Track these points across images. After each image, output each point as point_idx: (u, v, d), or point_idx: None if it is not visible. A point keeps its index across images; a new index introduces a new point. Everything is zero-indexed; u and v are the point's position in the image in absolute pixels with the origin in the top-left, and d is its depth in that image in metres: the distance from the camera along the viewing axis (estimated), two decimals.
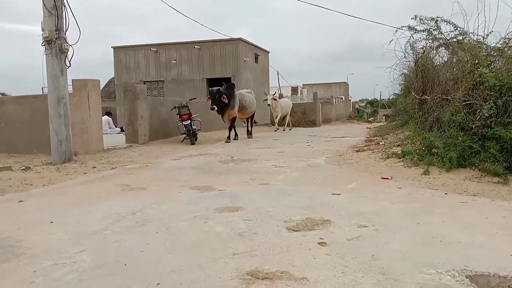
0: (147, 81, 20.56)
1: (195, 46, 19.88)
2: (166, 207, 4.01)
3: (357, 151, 8.41)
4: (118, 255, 2.69)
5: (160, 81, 20.39)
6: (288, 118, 18.59)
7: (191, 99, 12.88)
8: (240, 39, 19.95)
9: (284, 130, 17.70)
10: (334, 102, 37.22)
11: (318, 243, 2.84)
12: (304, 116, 26.25)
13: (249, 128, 13.49)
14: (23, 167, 7.12)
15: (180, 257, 2.64)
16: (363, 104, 59.89)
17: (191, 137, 11.48)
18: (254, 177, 5.67)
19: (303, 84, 47.58)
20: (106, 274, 2.38)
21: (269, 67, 24.83)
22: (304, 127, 24.51)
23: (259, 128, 18.19)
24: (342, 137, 13.13)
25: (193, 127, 11.64)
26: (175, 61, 20.17)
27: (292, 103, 28.49)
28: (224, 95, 11.08)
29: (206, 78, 20.02)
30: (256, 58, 21.91)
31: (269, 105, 16.17)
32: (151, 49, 20.35)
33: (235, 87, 11.99)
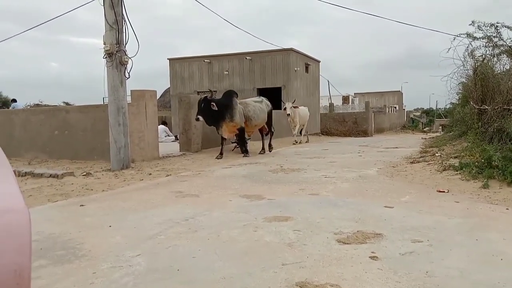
0: (200, 92, 21.10)
1: (247, 57, 20.19)
2: (217, 215, 4.10)
3: (412, 162, 8.14)
4: (171, 260, 2.79)
5: (213, 91, 20.83)
6: (305, 129, 16.82)
7: None
8: (291, 49, 20.01)
9: (300, 142, 15.99)
10: (387, 111, 36.24)
11: (369, 257, 2.79)
12: (355, 125, 25.81)
13: (263, 142, 11.61)
14: (84, 173, 7.55)
15: (230, 264, 2.69)
16: (418, 114, 57.73)
17: (242, 146, 11.62)
18: (304, 187, 5.65)
19: (354, 93, 46.76)
20: (160, 279, 2.47)
21: (320, 76, 24.68)
22: (355, 136, 24.08)
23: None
24: (396, 148, 12.76)
25: (245, 137, 11.79)
26: (227, 72, 20.60)
27: (343, 112, 28.25)
28: (213, 103, 9.60)
29: (257, 88, 20.22)
30: (306, 68, 21.86)
31: (288, 115, 14.44)
32: (205, 60, 20.92)
33: (235, 95, 10.42)
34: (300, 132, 16.44)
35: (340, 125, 25.76)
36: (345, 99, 36.42)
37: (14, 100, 16.43)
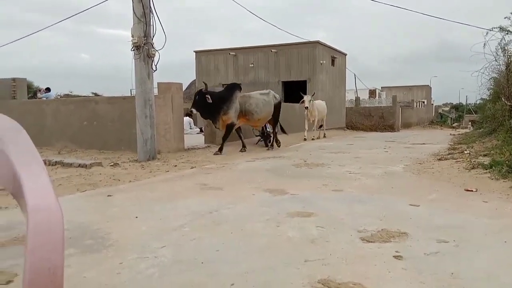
0: (225, 84, 21.18)
1: (272, 50, 20.11)
2: (240, 208, 4.14)
3: (439, 159, 7.98)
4: (195, 252, 2.84)
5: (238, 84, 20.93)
6: (324, 124, 16.23)
7: None
8: (317, 42, 19.81)
9: (318, 138, 15.40)
10: (415, 106, 35.50)
11: (393, 256, 2.76)
12: (382, 120, 25.41)
13: (271, 137, 11.19)
14: (112, 163, 7.73)
15: (253, 259, 2.72)
16: (446, 109, 56.26)
17: (266, 140, 11.65)
18: (327, 183, 5.62)
19: (381, 87, 45.98)
20: (185, 270, 2.52)
21: (346, 69, 24.36)
22: (381, 131, 23.71)
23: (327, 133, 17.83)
24: (423, 144, 12.50)
25: (267, 130, 11.80)
26: (252, 65, 20.59)
27: (370, 106, 27.81)
28: (208, 96, 9.23)
29: (282, 81, 20.16)
30: (332, 61, 21.61)
31: (306, 108, 13.77)
32: (230, 53, 20.97)
33: (238, 89, 10.08)
34: (321, 127, 16.12)
35: (366, 119, 25.40)
36: (372, 93, 35.85)
37: (48, 89, 16.86)
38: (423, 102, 43.73)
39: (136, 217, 3.79)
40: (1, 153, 0.93)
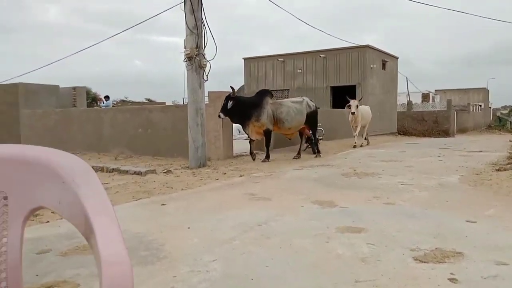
0: (273, 90, 21.27)
1: (321, 55, 19.99)
2: (289, 221, 4.16)
3: (498, 170, 7.56)
4: (245, 267, 2.90)
5: (285, 89, 20.98)
6: (366, 130, 14.95)
7: None
8: (367, 46, 19.45)
9: (362, 145, 14.21)
10: (471, 109, 33.83)
11: (448, 279, 2.67)
12: (435, 125, 24.47)
13: (301, 146, 10.85)
14: (165, 170, 8.01)
15: (302, 277, 2.73)
16: (505, 112, 53.05)
17: (314, 146, 11.58)
18: (378, 195, 5.51)
19: (435, 90, 44.20)
20: (235, 286, 2.59)
21: (398, 73, 23.71)
22: (435, 137, 22.82)
23: (375, 140, 17.39)
24: (480, 152, 11.89)
25: (315, 136, 11.73)
26: (300, 70, 20.57)
27: (423, 111, 26.83)
28: (229, 101, 9.05)
29: (330, 87, 19.97)
30: (383, 65, 21.11)
31: (353, 113, 13.03)
32: (279, 59, 21.09)
33: (270, 95, 9.82)
34: (365, 138, 15.03)
35: (419, 124, 24.57)
36: (425, 96, 34.59)
37: (107, 97, 17.84)
38: (480, 105, 41.54)
39: (188, 228, 3.92)
40: (74, 196, 1.02)
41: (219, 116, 9.26)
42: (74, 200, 1.02)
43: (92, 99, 30.44)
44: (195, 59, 8.32)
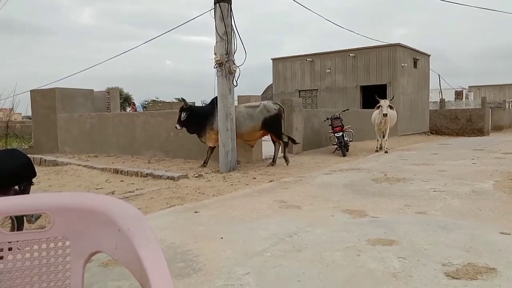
0: (301, 90, 21.33)
1: (350, 54, 19.81)
2: (319, 232, 4.21)
3: None
4: (278, 281, 2.98)
5: (314, 90, 20.94)
6: (388, 132, 13.17)
7: (343, 110, 12.93)
8: (398, 45, 19.13)
9: (386, 150, 12.38)
10: (507, 106, 32.65)
11: None
12: (469, 123, 23.78)
13: (275, 152, 9.86)
14: (196, 175, 8.20)
15: None
16: None
17: (343, 149, 11.56)
18: (410, 203, 5.48)
19: (469, 86, 42.91)
20: None
21: (430, 71, 23.18)
22: (469, 136, 22.22)
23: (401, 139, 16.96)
24: None
25: (345, 138, 11.70)
26: (329, 70, 20.45)
27: (456, 109, 26.10)
28: (182, 113, 9.22)
29: (360, 86, 19.76)
30: (415, 63, 20.70)
31: (385, 115, 11.85)
32: (307, 59, 21.04)
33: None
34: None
35: (452, 123, 23.94)
36: (458, 94, 33.64)
37: (133, 103, 18.45)
38: None
39: (221, 238, 4.04)
40: (129, 243, 1.13)
41: (176, 127, 9.39)
42: (129, 248, 1.13)
43: (125, 99, 31.26)
44: (225, 65, 8.45)
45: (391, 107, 12.26)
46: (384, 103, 12.05)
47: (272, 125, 9.50)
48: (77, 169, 9.24)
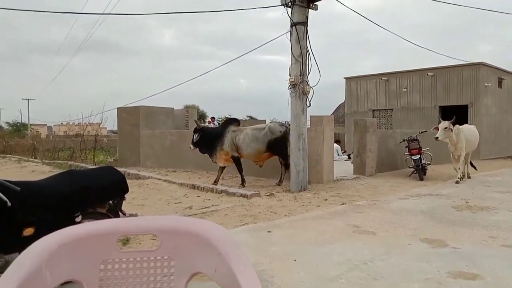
0: (375, 109, 20.84)
1: (428, 73, 19.03)
2: (396, 261, 4.10)
3: None
4: None
5: (389, 109, 20.35)
6: (469, 159, 11.36)
7: (421, 132, 12.41)
8: (481, 63, 18.04)
9: (461, 179, 10.57)
10: None
11: None
12: None
13: (282, 174, 9.87)
14: (268, 193, 8.34)
15: None
16: None
17: (420, 172, 11.08)
18: (495, 235, 5.13)
19: None
20: None
21: None
22: None
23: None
24: None
25: (422, 161, 11.21)
26: (405, 89, 19.79)
27: None
28: (195, 134, 9.83)
29: (439, 106, 18.85)
30: (499, 82, 19.36)
31: (436, 138, 10.19)
32: (382, 78, 20.55)
33: (235, 123, 10.19)
34: (471, 163, 11.78)
35: None
36: None
37: (213, 118, 19.36)
38: None
39: (295, 260, 4.09)
40: (227, 267, 1.25)
41: (189, 147, 10.06)
42: (228, 272, 1.25)
43: (200, 117, 32.74)
44: (299, 86, 8.59)
45: (453, 130, 10.26)
46: (441, 125, 10.33)
47: (277, 147, 9.64)
48: (157, 183, 9.82)
